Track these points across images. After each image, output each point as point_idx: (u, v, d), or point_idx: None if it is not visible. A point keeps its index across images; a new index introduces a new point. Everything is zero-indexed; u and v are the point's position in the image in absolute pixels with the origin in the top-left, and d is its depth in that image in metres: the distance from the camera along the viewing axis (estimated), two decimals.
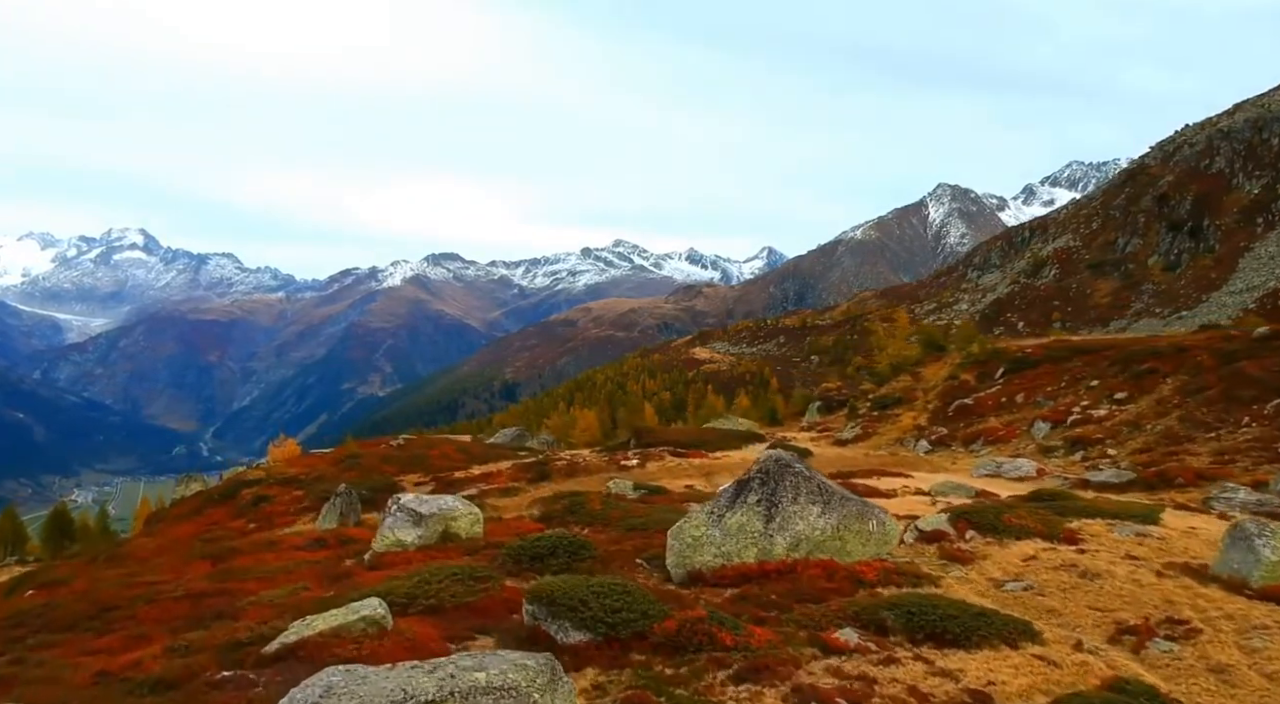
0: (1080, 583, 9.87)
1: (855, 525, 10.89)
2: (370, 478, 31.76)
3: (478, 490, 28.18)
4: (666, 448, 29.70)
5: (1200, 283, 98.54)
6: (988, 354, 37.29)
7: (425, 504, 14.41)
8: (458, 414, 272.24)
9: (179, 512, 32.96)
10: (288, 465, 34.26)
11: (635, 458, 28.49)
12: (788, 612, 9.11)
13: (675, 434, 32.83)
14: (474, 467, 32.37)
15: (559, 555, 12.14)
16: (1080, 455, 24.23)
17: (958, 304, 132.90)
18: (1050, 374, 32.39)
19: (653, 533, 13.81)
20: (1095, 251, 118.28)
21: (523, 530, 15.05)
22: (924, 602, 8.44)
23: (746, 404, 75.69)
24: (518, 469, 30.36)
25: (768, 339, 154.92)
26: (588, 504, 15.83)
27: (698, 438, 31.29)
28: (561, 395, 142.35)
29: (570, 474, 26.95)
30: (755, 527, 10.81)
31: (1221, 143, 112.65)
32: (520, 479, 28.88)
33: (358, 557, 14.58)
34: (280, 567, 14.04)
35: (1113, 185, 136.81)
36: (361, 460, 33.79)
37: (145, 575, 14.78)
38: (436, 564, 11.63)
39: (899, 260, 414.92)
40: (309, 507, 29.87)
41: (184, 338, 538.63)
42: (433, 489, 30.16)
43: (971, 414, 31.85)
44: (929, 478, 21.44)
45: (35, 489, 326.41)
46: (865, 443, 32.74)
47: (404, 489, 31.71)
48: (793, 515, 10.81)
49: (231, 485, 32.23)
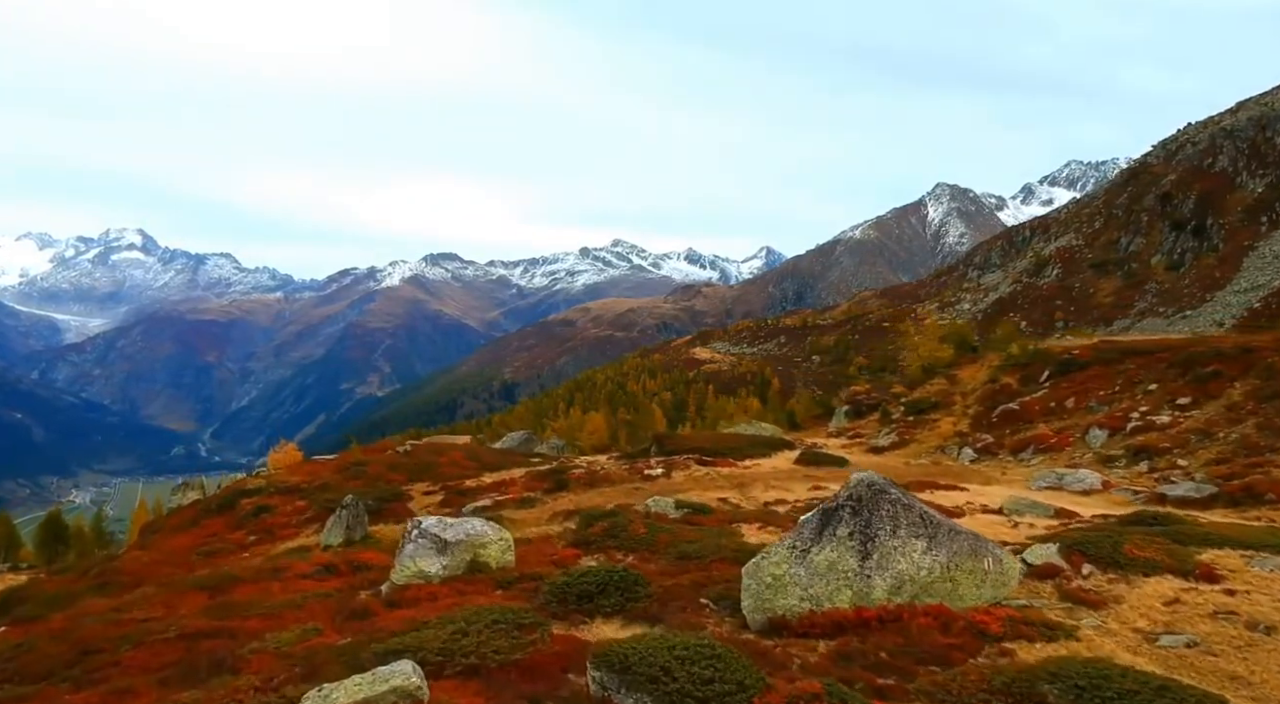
0: (1256, 639, 8.23)
1: (968, 564, 9.24)
2: (376, 487, 30.25)
3: (491, 501, 26.58)
4: (691, 455, 27.99)
5: (1204, 282, 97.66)
6: (1030, 356, 35.50)
7: (450, 529, 12.74)
8: (456, 414, 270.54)
9: (175, 522, 31.27)
10: (289, 473, 32.57)
11: (659, 467, 26.81)
12: (909, 678, 7.46)
13: (699, 440, 31.11)
14: (485, 474, 30.73)
15: (610, 593, 10.50)
16: (1146, 466, 22.51)
17: (960, 304, 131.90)
18: (1102, 377, 30.61)
19: (709, 563, 12.17)
20: (1098, 251, 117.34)
21: (559, 558, 13.39)
22: (1092, 673, 6.77)
23: (756, 406, 73.83)
24: (532, 477, 28.76)
25: (768, 339, 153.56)
26: (630, 527, 14.12)
27: (723, 444, 29.55)
28: (561, 396, 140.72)
29: (591, 484, 25.29)
30: (848, 565, 9.16)
31: (1225, 141, 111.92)
32: (536, 488, 27.28)
33: (374, 588, 12.93)
34: (287, 601, 12.36)
35: (1115, 184, 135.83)
36: (367, 468, 32.17)
37: (133, 609, 13.09)
38: (471, 607, 9.97)
39: (898, 260, 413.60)
40: (312, 517, 28.31)
41: (182, 338, 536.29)
42: (443, 499, 28.51)
43: (1018, 420, 30.18)
44: (984, 491, 19.79)
45: (33, 490, 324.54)
46: (903, 450, 30.99)
47: (411, 498, 30.05)
48: (893, 552, 9.17)
49: (230, 494, 30.56)
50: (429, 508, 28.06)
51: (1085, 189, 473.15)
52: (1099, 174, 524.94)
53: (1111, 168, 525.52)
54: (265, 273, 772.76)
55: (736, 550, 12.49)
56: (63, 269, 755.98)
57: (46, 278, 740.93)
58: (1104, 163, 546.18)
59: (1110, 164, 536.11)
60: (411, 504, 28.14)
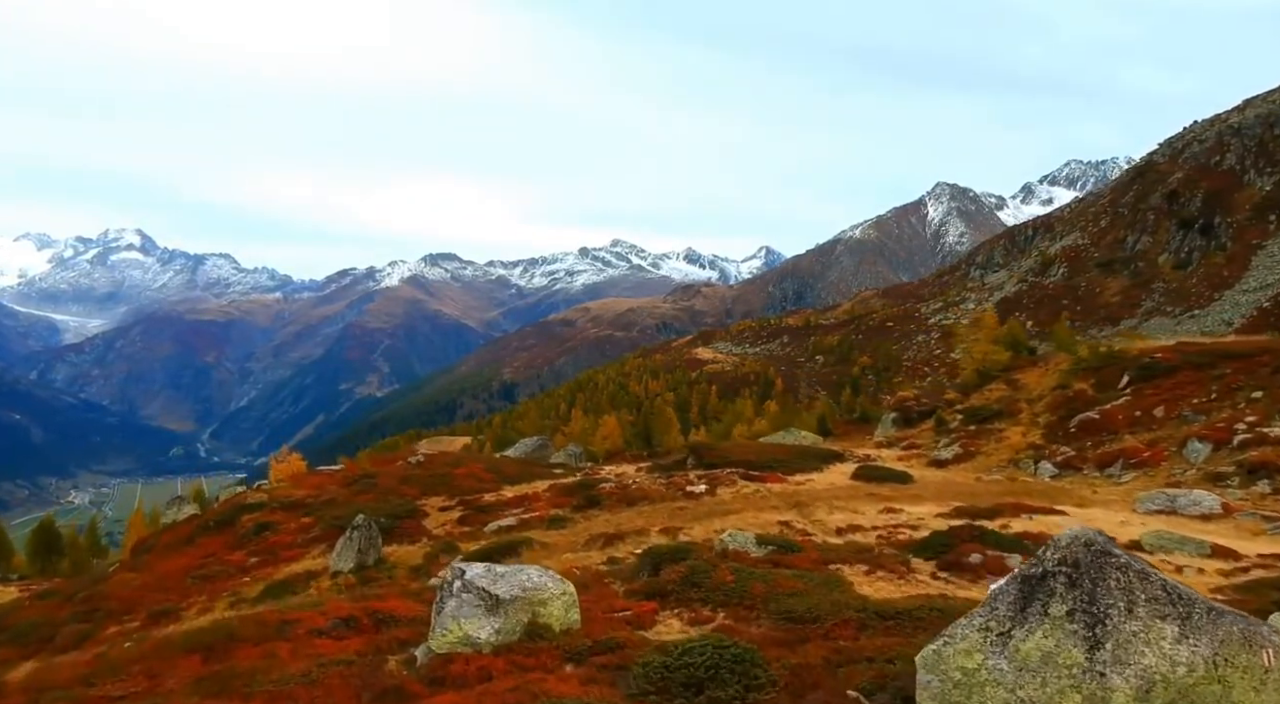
0: None
1: (1241, 658, 6.78)
2: (388, 501, 27.85)
3: (516, 520, 24.13)
4: (735, 469, 25.47)
5: (1212, 281, 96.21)
6: (1103, 359, 32.85)
7: (502, 581, 10.25)
8: (456, 415, 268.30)
9: (169, 539, 28.82)
10: (293, 486, 30.14)
11: (701, 482, 24.34)
12: None
13: (741, 452, 28.61)
14: (505, 488, 28.35)
15: (723, 681, 8.03)
16: (1267, 486, 20.06)
17: (965, 303, 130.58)
18: (1193, 383, 28.01)
19: (829, 627, 9.70)
20: (1104, 250, 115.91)
21: (632, 615, 10.90)
22: None
23: (774, 409, 71.23)
24: (558, 492, 26.35)
25: (771, 339, 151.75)
26: (714, 573, 11.63)
27: (767, 456, 27.04)
28: (563, 396, 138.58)
29: (626, 501, 22.82)
30: (1072, 657, 6.72)
31: (1232, 139, 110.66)
32: (563, 505, 24.84)
33: (404, 652, 10.48)
34: (298, 673, 9.90)
35: (1120, 183, 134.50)
36: (377, 481, 29.73)
37: (108, 679, 10.61)
38: (545, 701, 7.52)
39: (898, 260, 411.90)
40: (319, 537, 25.88)
41: (181, 338, 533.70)
42: (461, 516, 26.09)
43: (1099, 431, 27.60)
44: (1087, 516, 17.34)
45: (32, 491, 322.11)
46: (968, 464, 28.38)
47: (426, 514, 27.62)
48: (1133, 639, 6.72)
49: (230, 511, 28.10)
50: (446, 525, 25.65)
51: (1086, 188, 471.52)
52: (1099, 173, 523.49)
53: (1112, 167, 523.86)
54: (264, 273, 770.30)
55: (859, 610, 10.02)
56: (61, 269, 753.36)
57: (45, 278, 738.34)
58: (1104, 162, 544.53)
59: (1110, 163, 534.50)
60: (427, 522, 25.83)
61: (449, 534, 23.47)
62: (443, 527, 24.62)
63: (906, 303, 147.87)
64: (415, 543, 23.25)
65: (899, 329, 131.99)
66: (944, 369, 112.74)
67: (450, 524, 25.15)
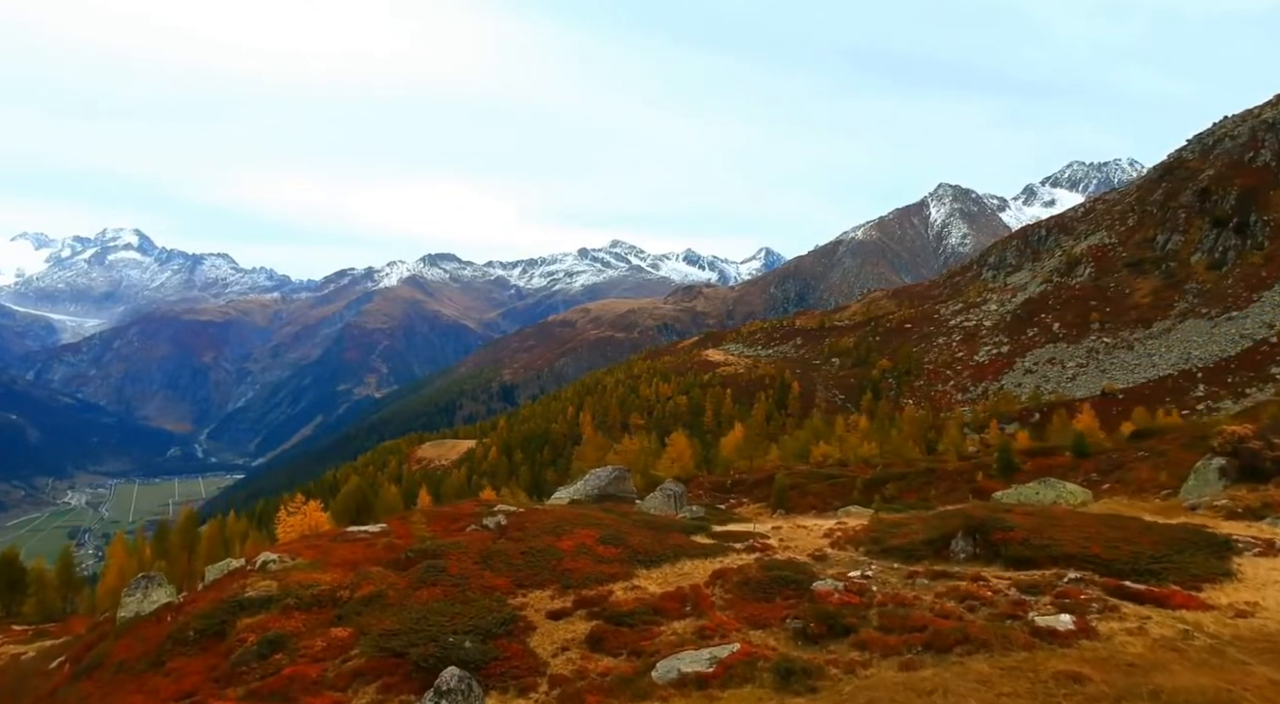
0: None
1: None
2: (465, 600, 16.56)
3: (708, 661, 12.22)
4: (1077, 571, 14.48)
5: (1250, 281, 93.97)
6: None
7: None
8: (455, 416, 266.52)
9: (127, 652, 18.00)
10: (312, 563, 19.41)
11: (1051, 606, 12.87)
12: None
13: (1061, 532, 16.51)
14: (639, 572, 17.65)
15: None
16: None
17: (986, 304, 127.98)
18: None
19: None
20: (1133, 249, 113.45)
21: None
22: None
23: (865, 425, 63.83)
24: (737, 589, 15.79)
25: (784, 341, 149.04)
26: None
27: (1102, 538, 15.99)
28: (569, 399, 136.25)
29: (905, 632, 12.24)
30: None
31: (1266, 135, 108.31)
32: (768, 621, 14.15)
33: None
34: None
35: (1148, 180, 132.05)
36: (444, 562, 18.29)
37: None
38: None
39: (900, 261, 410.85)
40: (363, 670, 13.97)
41: (178, 339, 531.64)
42: (590, 632, 14.91)
43: None
44: None
45: (29, 491, 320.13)
46: None
47: (533, 628, 15.53)
48: None
49: (219, 609, 17.55)
50: (570, 651, 14.47)
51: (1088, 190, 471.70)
52: (1101, 175, 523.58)
53: (1114, 169, 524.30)
54: (262, 273, 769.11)
55: None
56: (59, 269, 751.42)
57: (42, 278, 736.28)
58: (1106, 164, 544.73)
59: (1113, 165, 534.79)
60: (535, 642, 14.98)
61: (581, 673, 13.62)
62: (564, 654, 14.46)
63: (919, 304, 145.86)
64: (523, 693, 13.35)
65: (918, 331, 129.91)
66: (967, 373, 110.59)
67: (577, 649, 14.58)
